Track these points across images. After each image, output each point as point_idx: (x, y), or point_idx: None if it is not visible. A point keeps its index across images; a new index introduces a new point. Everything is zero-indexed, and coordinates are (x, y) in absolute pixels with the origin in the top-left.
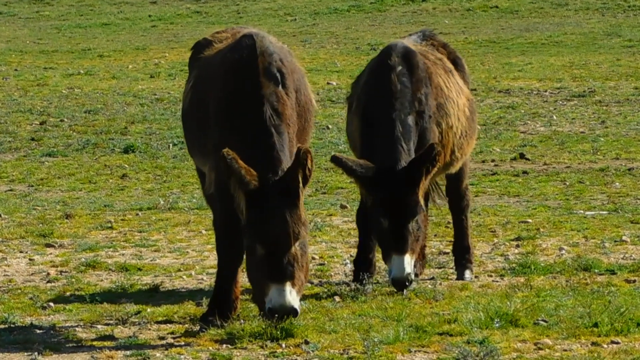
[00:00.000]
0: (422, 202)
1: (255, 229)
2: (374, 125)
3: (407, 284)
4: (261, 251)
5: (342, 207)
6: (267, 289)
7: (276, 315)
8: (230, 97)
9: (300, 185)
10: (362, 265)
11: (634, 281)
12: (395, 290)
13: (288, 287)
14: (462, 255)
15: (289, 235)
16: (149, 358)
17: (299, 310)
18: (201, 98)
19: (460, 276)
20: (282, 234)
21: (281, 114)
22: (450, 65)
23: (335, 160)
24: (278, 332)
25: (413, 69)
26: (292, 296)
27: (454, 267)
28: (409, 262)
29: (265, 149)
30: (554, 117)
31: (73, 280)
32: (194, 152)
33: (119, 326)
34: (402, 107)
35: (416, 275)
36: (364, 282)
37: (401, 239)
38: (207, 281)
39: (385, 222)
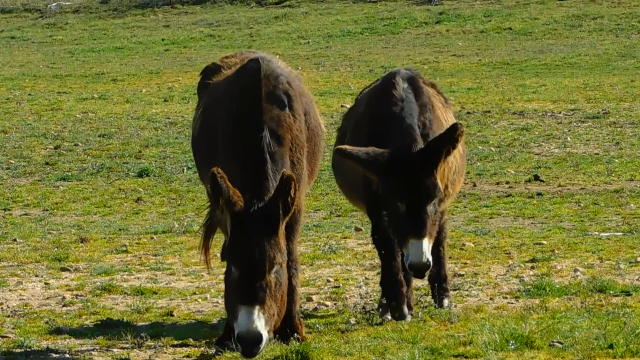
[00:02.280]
0: (440, 185)
1: (232, 252)
2: (383, 127)
3: (425, 270)
4: (235, 274)
5: (357, 229)
6: (237, 312)
7: (243, 342)
8: (234, 123)
9: (281, 213)
10: (393, 285)
11: None
12: (412, 276)
13: (257, 311)
14: (440, 285)
15: (264, 260)
16: None
17: (264, 337)
18: (210, 124)
19: (440, 304)
20: (256, 258)
21: (282, 139)
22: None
23: (342, 152)
24: (294, 355)
25: (419, 93)
26: (259, 322)
27: (432, 296)
28: (427, 247)
29: (256, 176)
30: (569, 139)
31: (89, 304)
32: (205, 177)
33: (135, 350)
34: (410, 110)
35: None
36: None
37: (419, 222)
38: (222, 304)
39: (402, 206)
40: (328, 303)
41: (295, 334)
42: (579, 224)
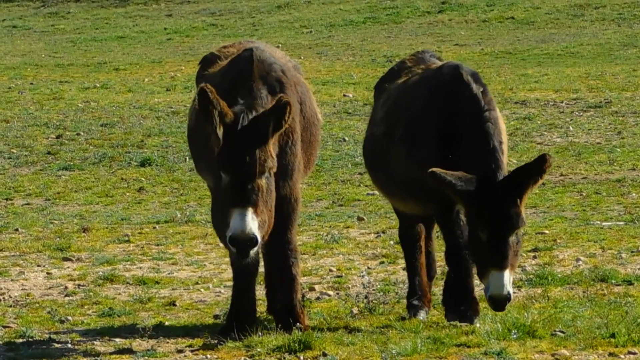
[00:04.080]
0: (524, 214)
1: (223, 159)
2: (462, 138)
3: (506, 303)
4: (226, 179)
5: (359, 219)
6: (229, 216)
7: (237, 243)
8: None
9: (271, 129)
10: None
11: None
12: (492, 308)
13: (250, 213)
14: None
15: (254, 164)
16: None
17: (259, 240)
18: None
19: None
20: (246, 162)
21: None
22: None
23: (434, 175)
24: (296, 345)
25: (485, 91)
26: (253, 224)
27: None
28: (508, 278)
29: (249, 98)
30: (571, 128)
31: (91, 293)
32: (201, 168)
33: (137, 339)
34: (492, 118)
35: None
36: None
37: (501, 253)
38: (225, 294)
39: (483, 235)
40: (330, 292)
41: (298, 323)
42: (581, 213)
